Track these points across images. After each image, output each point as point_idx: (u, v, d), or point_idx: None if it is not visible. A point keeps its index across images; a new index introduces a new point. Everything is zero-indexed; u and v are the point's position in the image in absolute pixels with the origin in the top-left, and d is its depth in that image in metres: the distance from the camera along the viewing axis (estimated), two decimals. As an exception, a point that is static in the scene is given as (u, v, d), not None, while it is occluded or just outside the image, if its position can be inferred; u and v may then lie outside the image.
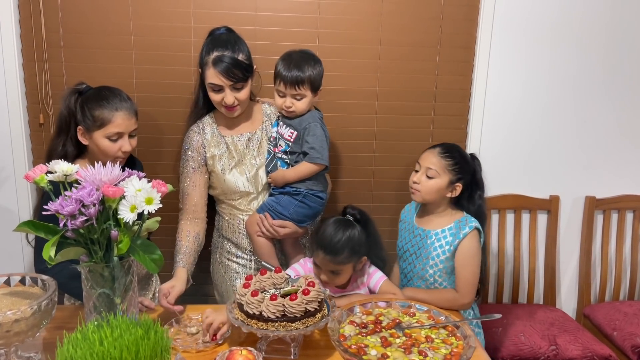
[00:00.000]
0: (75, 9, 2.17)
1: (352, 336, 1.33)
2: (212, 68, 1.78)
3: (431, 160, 1.80)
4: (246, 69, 1.81)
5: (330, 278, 1.67)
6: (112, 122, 1.71)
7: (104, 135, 1.71)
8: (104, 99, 1.72)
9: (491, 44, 2.35)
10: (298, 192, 1.88)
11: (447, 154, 1.80)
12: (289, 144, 1.88)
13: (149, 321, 1.19)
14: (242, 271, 2.00)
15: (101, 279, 1.30)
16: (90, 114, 1.70)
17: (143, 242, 1.34)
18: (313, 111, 1.91)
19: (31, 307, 1.25)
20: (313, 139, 1.84)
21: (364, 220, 1.75)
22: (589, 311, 2.51)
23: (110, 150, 1.73)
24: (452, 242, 1.76)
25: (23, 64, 2.21)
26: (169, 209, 2.28)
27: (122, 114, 1.72)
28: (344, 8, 2.26)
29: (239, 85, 1.81)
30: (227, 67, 1.77)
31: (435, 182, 1.78)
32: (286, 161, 1.90)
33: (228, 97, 1.81)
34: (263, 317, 1.36)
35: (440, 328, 1.37)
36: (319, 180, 1.93)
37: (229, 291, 2.00)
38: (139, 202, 1.25)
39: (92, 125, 1.71)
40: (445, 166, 1.78)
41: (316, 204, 1.93)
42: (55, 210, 1.20)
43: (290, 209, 1.88)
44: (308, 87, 1.83)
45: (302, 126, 1.86)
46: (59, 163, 1.30)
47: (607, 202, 2.55)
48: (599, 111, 2.47)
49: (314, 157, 1.84)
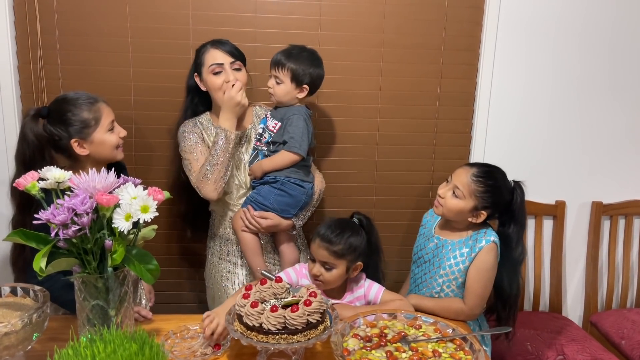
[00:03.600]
0: (71, 10, 2.13)
1: (357, 350, 1.27)
2: (212, 49, 1.88)
3: (462, 179, 1.71)
4: (242, 55, 1.92)
5: (322, 273, 1.62)
6: (102, 114, 1.71)
7: (105, 130, 1.71)
8: (76, 101, 1.68)
9: (496, 46, 2.30)
10: (276, 179, 1.88)
11: (480, 178, 1.69)
12: (271, 134, 1.89)
13: (144, 335, 1.14)
14: (232, 270, 2.00)
15: (95, 290, 1.26)
16: (79, 120, 1.66)
17: (139, 252, 1.29)
18: (300, 105, 1.91)
19: (22, 320, 1.20)
20: (294, 129, 1.84)
21: (369, 227, 1.73)
22: (597, 319, 2.46)
23: (115, 141, 1.74)
24: (468, 255, 1.71)
25: (18, 67, 2.16)
26: (164, 214, 2.27)
27: (102, 104, 1.73)
28: (345, 10, 2.22)
29: (237, 64, 1.89)
30: (227, 46, 1.89)
31: (459, 202, 1.71)
32: (265, 153, 1.91)
33: (230, 76, 1.86)
34: (263, 330, 1.31)
35: (447, 341, 1.32)
36: (300, 170, 1.91)
37: (221, 291, 2.01)
38: (134, 210, 1.20)
39: (86, 128, 1.67)
40: (473, 191, 1.69)
41: (297, 192, 1.90)
42: (47, 219, 1.16)
43: (270, 198, 1.87)
44: (287, 74, 1.84)
45: (285, 116, 1.87)
46: (51, 170, 1.26)
47: (614, 208, 2.51)
48: (605, 115, 2.43)
49: (292, 146, 1.84)
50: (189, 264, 2.45)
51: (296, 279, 1.71)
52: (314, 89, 1.92)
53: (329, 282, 1.64)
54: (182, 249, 2.43)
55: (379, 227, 2.39)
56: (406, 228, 2.43)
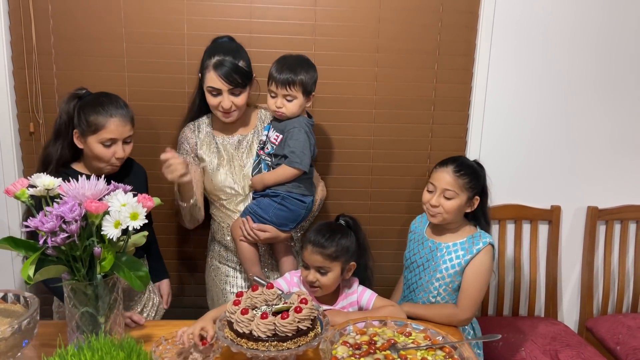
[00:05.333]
0: (66, 15, 2.13)
1: (345, 358, 1.27)
2: (212, 71, 1.81)
3: (447, 180, 1.76)
4: (245, 76, 1.84)
5: (318, 278, 1.62)
6: (106, 127, 1.71)
7: (98, 141, 1.71)
8: (99, 105, 1.72)
9: (491, 51, 2.30)
10: (277, 194, 1.87)
11: (461, 172, 1.76)
12: (274, 146, 1.88)
13: (132, 343, 1.14)
14: (232, 274, 2.01)
15: (84, 297, 1.26)
16: (85, 119, 1.70)
17: (129, 259, 1.29)
18: (301, 117, 1.89)
19: (11, 327, 1.20)
20: (294, 143, 1.83)
21: (355, 227, 1.75)
22: (592, 324, 2.46)
23: (104, 156, 1.73)
24: (464, 257, 1.73)
25: (13, 72, 2.16)
26: (162, 219, 2.27)
27: (116, 121, 1.72)
28: (340, 15, 2.22)
29: (237, 90, 1.83)
30: (228, 71, 1.80)
31: (455, 202, 1.75)
32: (268, 164, 1.90)
33: (225, 102, 1.83)
34: (253, 336, 1.31)
35: (437, 349, 1.32)
36: (302, 184, 1.90)
37: (219, 295, 2.02)
38: (123, 217, 1.20)
39: (87, 130, 1.71)
40: (462, 185, 1.75)
41: (297, 207, 1.90)
42: (35, 226, 1.16)
43: (269, 211, 1.87)
44: (300, 89, 1.82)
45: (287, 129, 1.86)
46: (40, 177, 1.26)
47: (610, 213, 2.50)
48: (600, 120, 2.42)
49: (293, 162, 1.83)
50: (188, 268, 2.45)
51: (287, 289, 1.71)
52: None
53: (326, 287, 1.65)
54: (182, 253, 2.43)
55: (374, 232, 2.41)
56: (401, 232, 2.43)
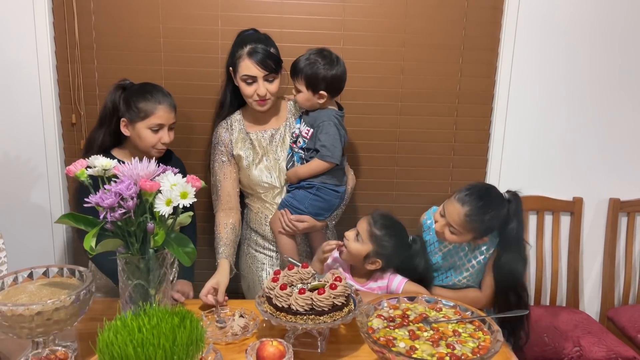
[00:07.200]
0: (107, 11, 2.24)
1: (380, 329, 1.35)
2: (247, 59, 1.86)
3: (454, 219, 1.67)
4: (277, 62, 1.90)
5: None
6: (155, 114, 1.84)
7: (147, 126, 1.84)
8: (148, 92, 1.85)
9: (514, 46, 2.36)
10: (312, 185, 1.94)
11: (474, 217, 1.65)
12: (305, 140, 1.94)
13: (184, 311, 1.23)
14: (267, 262, 2.05)
15: (137, 270, 1.35)
16: (135, 106, 1.83)
17: (177, 236, 1.38)
18: (329, 109, 1.94)
19: (70, 297, 1.30)
20: (325, 137, 1.89)
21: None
22: (613, 314, 2.50)
23: (151, 141, 1.86)
24: (487, 252, 1.75)
25: (57, 66, 2.28)
26: (199, 207, 2.34)
27: (164, 107, 1.86)
28: (368, 10, 2.30)
29: (271, 77, 1.88)
30: (262, 57, 1.85)
31: (457, 237, 1.71)
32: (302, 156, 1.96)
33: (261, 89, 1.88)
34: (292, 310, 1.39)
35: (467, 323, 1.39)
36: (335, 174, 1.96)
37: (256, 282, 2.06)
38: (174, 196, 1.29)
39: (136, 117, 1.83)
40: (469, 229, 1.68)
41: (331, 197, 1.97)
42: (96, 202, 1.25)
43: (305, 202, 1.93)
44: (302, 82, 1.88)
45: (316, 123, 1.91)
46: (98, 158, 1.36)
47: (632, 205, 2.54)
48: (622, 112, 2.46)
49: (324, 155, 1.89)
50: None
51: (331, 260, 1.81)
52: (335, 91, 1.92)
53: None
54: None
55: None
56: (425, 222, 2.49)
